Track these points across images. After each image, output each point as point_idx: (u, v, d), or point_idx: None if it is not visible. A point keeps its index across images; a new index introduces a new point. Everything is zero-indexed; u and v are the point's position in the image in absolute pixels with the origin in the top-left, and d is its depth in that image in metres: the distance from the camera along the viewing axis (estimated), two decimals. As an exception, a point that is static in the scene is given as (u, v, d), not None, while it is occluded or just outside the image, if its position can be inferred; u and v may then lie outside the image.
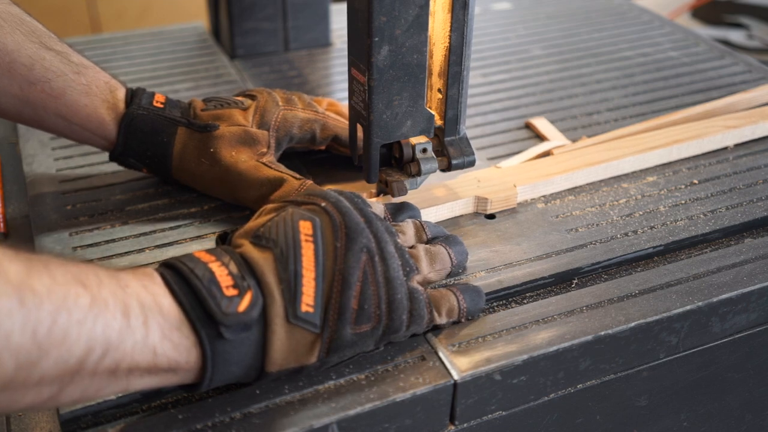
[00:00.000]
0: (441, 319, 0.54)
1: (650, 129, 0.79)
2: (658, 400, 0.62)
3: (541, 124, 0.82)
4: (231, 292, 0.46)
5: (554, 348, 0.53)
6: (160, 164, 0.69)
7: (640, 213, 0.67)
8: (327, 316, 0.48)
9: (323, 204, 0.52)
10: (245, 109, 0.69)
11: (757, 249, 0.64)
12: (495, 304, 0.58)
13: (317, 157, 0.75)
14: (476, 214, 0.67)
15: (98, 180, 0.73)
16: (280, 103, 0.69)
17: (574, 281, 0.61)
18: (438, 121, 0.62)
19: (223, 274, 0.46)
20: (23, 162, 0.76)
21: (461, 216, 0.67)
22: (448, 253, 0.58)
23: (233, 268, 0.47)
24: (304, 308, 0.47)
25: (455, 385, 0.51)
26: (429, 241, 0.58)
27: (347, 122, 0.69)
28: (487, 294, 0.58)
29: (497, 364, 0.52)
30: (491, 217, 0.67)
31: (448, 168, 0.63)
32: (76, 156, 0.77)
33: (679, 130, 0.78)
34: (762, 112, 0.82)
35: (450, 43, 0.58)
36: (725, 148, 0.78)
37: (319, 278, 0.48)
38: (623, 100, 0.89)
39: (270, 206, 0.54)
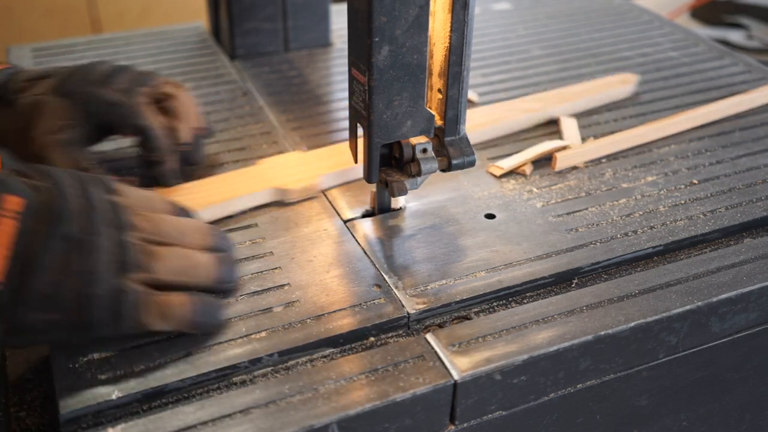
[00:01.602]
0: (163, 325, 0.51)
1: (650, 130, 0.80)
2: (658, 399, 0.62)
3: (568, 123, 0.82)
4: None
5: (554, 348, 0.53)
6: None
7: (640, 213, 0.68)
8: (12, 296, 0.47)
9: (43, 182, 0.50)
10: (54, 77, 0.66)
11: (757, 249, 0.64)
12: (495, 304, 0.58)
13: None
14: (473, 213, 0.67)
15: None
16: (93, 78, 0.65)
17: (574, 281, 0.61)
18: (438, 122, 0.62)
19: None
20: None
21: (462, 216, 0.67)
22: (216, 266, 0.54)
23: None
24: None
25: (455, 385, 0.51)
26: (210, 250, 0.55)
27: (157, 122, 0.65)
28: (487, 294, 0.58)
29: (497, 364, 0.52)
30: (491, 216, 0.67)
31: (448, 168, 0.63)
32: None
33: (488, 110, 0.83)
34: (562, 93, 0.87)
35: (450, 43, 0.58)
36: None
37: (14, 258, 0.47)
38: (623, 101, 0.89)
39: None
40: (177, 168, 0.67)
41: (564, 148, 0.76)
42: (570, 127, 0.81)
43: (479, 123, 0.80)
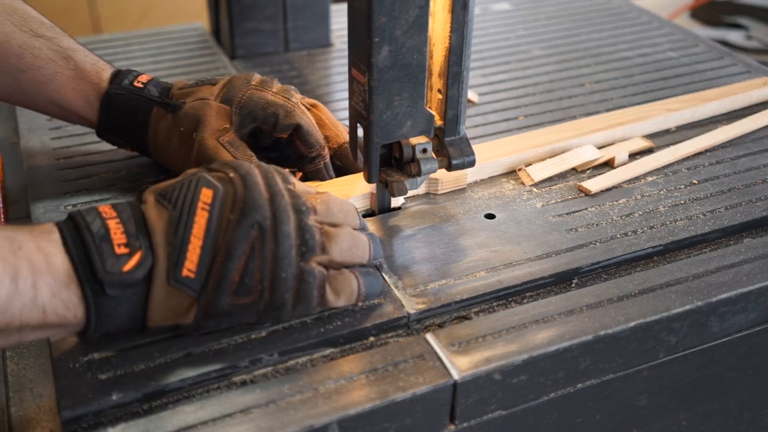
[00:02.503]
0: (338, 302, 0.54)
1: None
2: (658, 399, 0.62)
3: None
4: (122, 250, 0.48)
5: (554, 348, 0.53)
6: (140, 143, 0.70)
7: (640, 213, 0.68)
8: (207, 283, 0.50)
9: (231, 174, 0.52)
10: (214, 84, 0.69)
11: (756, 249, 0.64)
12: (495, 304, 0.58)
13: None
14: (471, 211, 0.67)
15: (100, 180, 0.73)
16: (253, 83, 0.69)
17: (574, 281, 0.61)
18: (438, 122, 0.62)
19: (118, 231, 0.49)
20: (24, 162, 0.76)
21: (462, 216, 0.67)
22: (370, 244, 0.57)
23: (131, 226, 0.49)
24: (185, 273, 0.49)
25: (455, 384, 0.51)
26: (360, 228, 0.58)
27: (313, 121, 0.68)
28: (487, 294, 0.58)
29: (497, 364, 0.52)
30: (491, 216, 0.67)
31: (448, 168, 0.63)
32: (77, 156, 0.77)
33: (621, 114, 0.81)
34: (701, 96, 0.85)
35: (450, 43, 0.58)
36: (668, 131, 0.81)
37: (206, 247, 0.50)
38: (623, 101, 0.89)
39: (191, 170, 0.54)
40: (330, 163, 0.70)
41: (596, 162, 0.75)
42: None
43: (628, 119, 0.80)
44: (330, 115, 0.72)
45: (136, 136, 0.70)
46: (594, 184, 0.71)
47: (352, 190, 0.67)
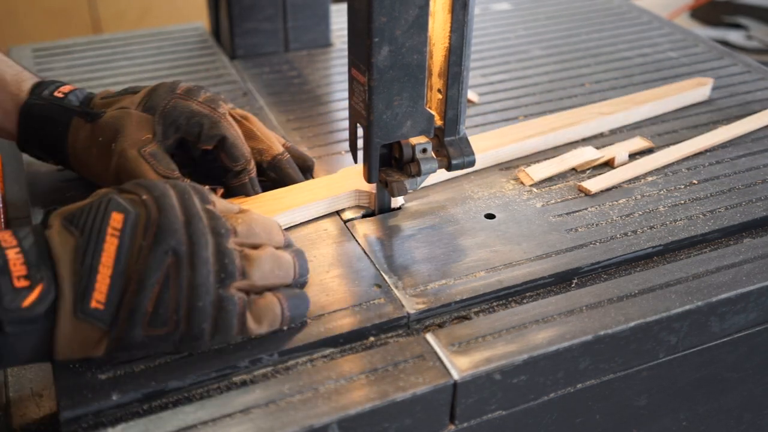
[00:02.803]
0: (260, 329, 0.52)
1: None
2: (658, 399, 0.62)
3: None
4: (22, 283, 0.45)
5: (554, 348, 0.53)
6: (60, 154, 0.68)
7: (640, 213, 0.68)
8: (118, 315, 0.47)
9: (144, 196, 0.50)
10: (136, 92, 0.67)
11: (756, 249, 0.64)
12: (495, 304, 0.58)
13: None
14: (471, 213, 0.67)
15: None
16: (178, 92, 0.66)
17: (574, 281, 0.61)
18: (438, 122, 0.62)
19: (18, 262, 0.46)
20: (24, 162, 0.76)
21: (461, 216, 0.67)
22: (294, 263, 0.55)
23: (32, 255, 0.46)
24: (93, 304, 0.47)
25: (455, 384, 0.51)
26: (281, 248, 0.56)
27: (239, 133, 0.66)
28: (487, 294, 0.58)
29: (497, 364, 0.52)
30: (491, 216, 0.67)
31: (448, 168, 0.63)
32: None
33: (555, 118, 0.81)
34: (633, 98, 0.86)
35: (450, 43, 0.58)
36: (602, 134, 0.81)
37: (116, 276, 0.47)
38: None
39: (102, 190, 0.52)
40: (255, 178, 0.68)
41: (596, 161, 0.75)
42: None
43: (554, 127, 0.79)
44: (262, 126, 0.70)
45: (56, 148, 0.67)
46: (594, 184, 0.71)
47: (281, 204, 0.65)
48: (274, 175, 0.69)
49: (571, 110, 0.84)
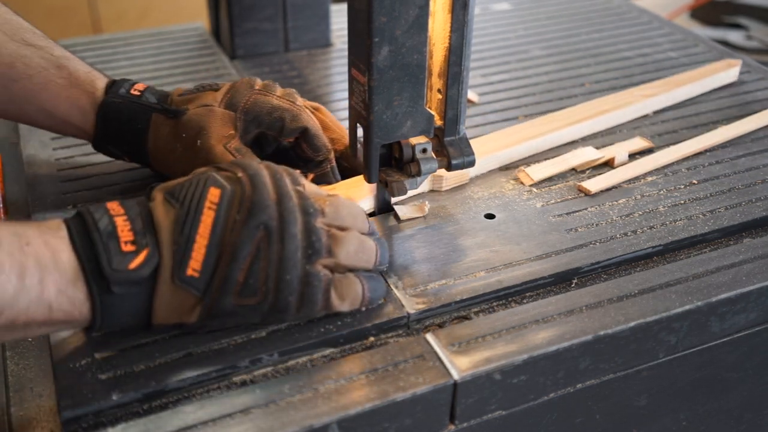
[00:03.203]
0: (342, 306, 0.54)
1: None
2: (658, 399, 0.62)
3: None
4: (129, 247, 0.49)
5: (554, 348, 0.53)
6: (138, 152, 0.69)
7: (640, 213, 0.68)
8: (211, 283, 0.50)
9: (240, 174, 0.52)
10: (217, 90, 0.68)
11: (756, 249, 0.64)
12: (495, 304, 0.58)
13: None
14: (471, 212, 0.67)
15: (99, 180, 0.73)
16: (256, 87, 0.68)
17: (574, 281, 0.61)
18: (438, 122, 0.62)
19: (125, 228, 0.49)
20: (24, 162, 0.76)
21: (461, 216, 0.67)
22: (377, 250, 0.56)
23: (138, 223, 0.50)
24: (189, 272, 0.49)
25: (455, 384, 0.51)
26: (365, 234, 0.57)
27: (318, 123, 0.68)
28: (487, 294, 0.58)
29: (497, 364, 0.52)
30: (491, 216, 0.67)
31: (448, 168, 0.63)
32: (77, 156, 0.77)
33: (601, 102, 0.84)
34: (676, 80, 0.88)
35: (450, 43, 0.58)
36: (647, 115, 0.84)
37: (211, 247, 0.50)
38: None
39: (200, 169, 0.54)
40: (336, 167, 0.69)
41: (596, 162, 0.75)
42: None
43: (603, 110, 0.81)
44: (332, 117, 0.72)
45: (135, 146, 0.69)
46: (594, 184, 0.71)
47: (360, 192, 0.67)
48: (345, 164, 0.70)
49: (613, 94, 0.86)
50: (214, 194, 0.51)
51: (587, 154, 0.75)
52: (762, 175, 0.74)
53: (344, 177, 0.70)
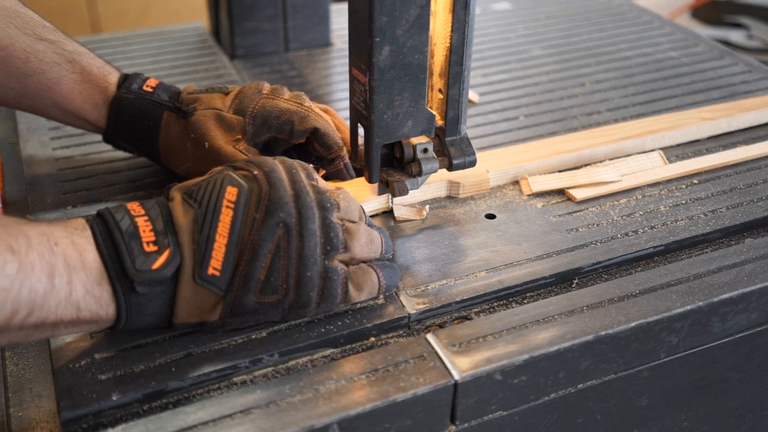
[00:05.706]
0: (361, 297, 0.55)
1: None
2: (659, 399, 0.62)
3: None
4: (151, 248, 0.49)
5: (555, 348, 0.53)
6: (149, 148, 0.70)
7: (641, 213, 0.68)
8: (233, 282, 0.50)
9: (256, 172, 0.53)
10: (226, 94, 0.69)
11: (758, 249, 0.64)
12: (495, 304, 0.58)
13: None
14: (473, 213, 0.67)
15: (99, 180, 0.73)
16: (264, 92, 0.68)
17: (575, 281, 0.61)
18: (439, 121, 0.62)
19: (146, 229, 0.50)
20: (23, 162, 0.76)
21: (462, 216, 0.67)
22: (381, 239, 0.57)
23: (159, 224, 0.50)
24: (210, 271, 0.50)
25: (456, 385, 0.51)
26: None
27: (330, 121, 0.68)
28: (487, 294, 0.58)
29: (498, 364, 0.52)
30: (491, 217, 0.67)
31: (449, 168, 0.63)
32: (77, 156, 0.77)
33: (653, 120, 0.80)
34: (738, 105, 0.83)
35: (451, 43, 0.58)
36: (698, 140, 0.80)
37: (231, 245, 0.50)
38: (623, 100, 0.89)
39: (216, 168, 0.55)
40: (350, 163, 0.69)
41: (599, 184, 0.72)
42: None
43: (655, 129, 0.78)
44: (341, 118, 0.71)
45: (146, 142, 0.69)
46: (580, 192, 0.70)
47: (368, 191, 0.67)
48: (356, 165, 0.70)
49: (671, 114, 0.82)
50: (231, 193, 0.51)
51: (600, 175, 0.72)
52: (763, 174, 0.73)
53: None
